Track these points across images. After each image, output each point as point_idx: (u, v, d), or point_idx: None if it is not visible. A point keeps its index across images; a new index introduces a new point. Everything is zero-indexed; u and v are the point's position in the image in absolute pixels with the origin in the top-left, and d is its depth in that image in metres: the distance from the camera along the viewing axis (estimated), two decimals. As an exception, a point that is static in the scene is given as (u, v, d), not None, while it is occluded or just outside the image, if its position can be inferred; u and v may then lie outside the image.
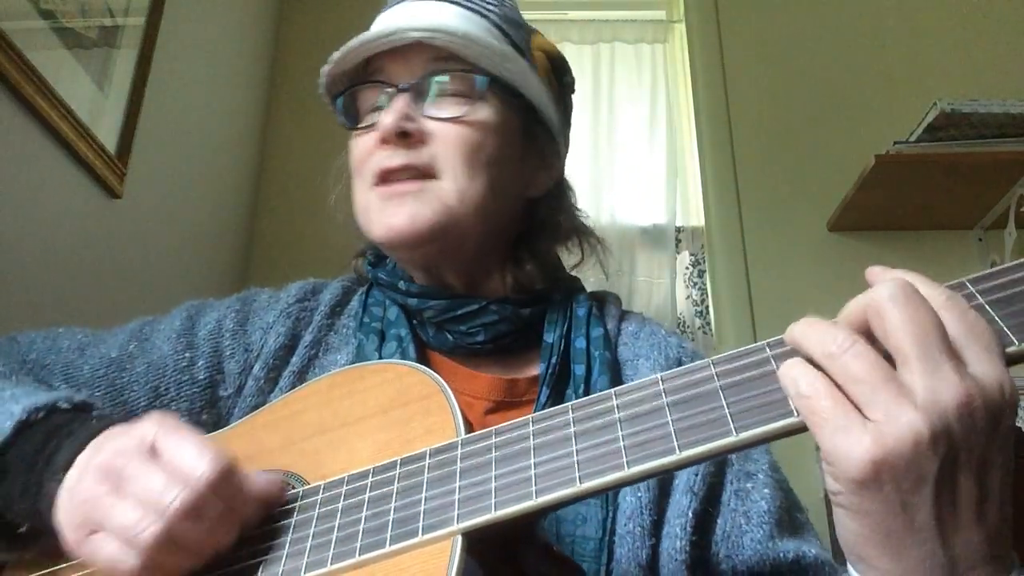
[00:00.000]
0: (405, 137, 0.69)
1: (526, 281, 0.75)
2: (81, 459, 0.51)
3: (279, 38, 2.51)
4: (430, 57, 0.71)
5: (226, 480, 0.47)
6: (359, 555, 0.47)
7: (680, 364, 0.73)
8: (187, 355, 0.73)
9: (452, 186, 0.70)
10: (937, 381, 0.37)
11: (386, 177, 0.70)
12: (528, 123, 0.77)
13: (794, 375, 0.40)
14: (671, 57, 2.54)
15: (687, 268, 2.33)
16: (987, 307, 0.42)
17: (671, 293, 2.23)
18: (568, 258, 0.84)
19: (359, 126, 0.74)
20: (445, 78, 0.71)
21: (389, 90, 0.72)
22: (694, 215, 2.39)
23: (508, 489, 0.45)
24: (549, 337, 0.73)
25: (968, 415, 0.37)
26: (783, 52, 2.47)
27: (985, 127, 1.95)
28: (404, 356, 0.71)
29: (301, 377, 0.73)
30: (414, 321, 0.76)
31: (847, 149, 2.23)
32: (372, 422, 0.56)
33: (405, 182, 0.70)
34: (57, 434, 0.54)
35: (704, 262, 2.31)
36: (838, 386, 0.39)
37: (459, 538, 0.45)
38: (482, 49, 0.71)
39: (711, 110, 2.41)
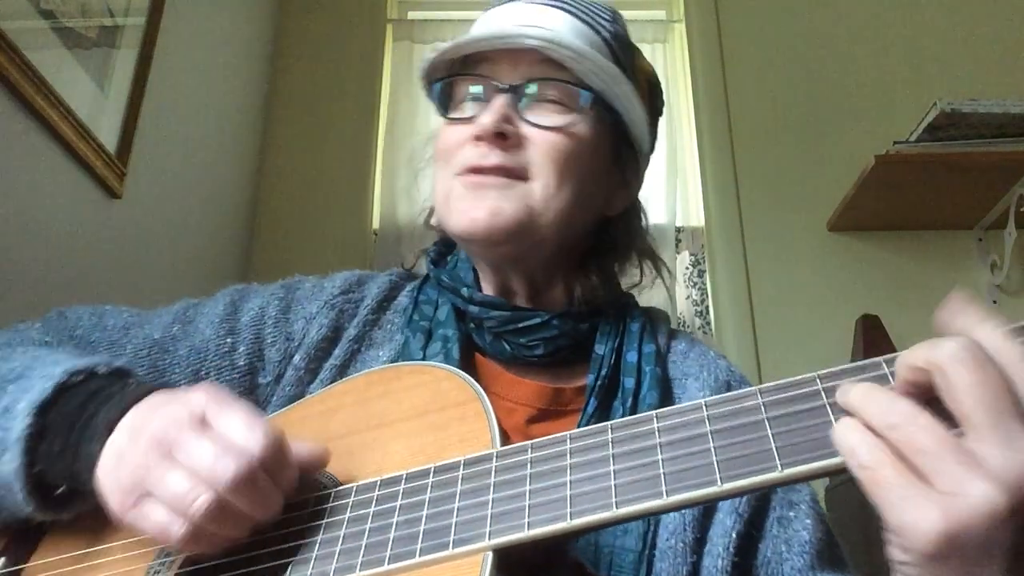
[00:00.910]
0: (502, 138, 0.69)
1: (590, 296, 0.75)
2: (128, 423, 0.52)
3: (279, 38, 2.51)
4: (537, 61, 0.71)
5: (275, 453, 0.49)
6: (388, 564, 0.46)
7: (729, 388, 0.73)
8: (228, 340, 0.74)
9: (540, 191, 0.70)
10: (1012, 451, 0.35)
11: (475, 171, 0.70)
12: (618, 143, 0.77)
13: (852, 443, 0.38)
14: (671, 57, 2.54)
15: (687, 268, 2.33)
16: None
17: (671, 293, 2.23)
18: (627, 276, 0.85)
19: (454, 116, 0.74)
20: (549, 86, 0.72)
21: (492, 87, 0.72)
22: (694, 215, 2.39)
23: (542, 508, 0.44)
24: (600, 349, 0.73)
25: None
26: (783, 52, 2.47)
27: (985, 127, 1.95)
28: (447, 357, 0.70)
29: (343, 371, 0.73)
30: (471, 325, 0.75)
31: (847, 149, 2.24)
32: (407, 425, 0.55)
33: (493, 176, 0.70)
34: (96, 397, 0.55)
35: (704, 262, 2.31)
36: (900, 455, 0.37)
37: (490, 554, 0.44)
38: (591, 65, 0.71)
39: (711, 110, 2.40)
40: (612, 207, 0.79)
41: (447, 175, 0.73)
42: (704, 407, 0.45)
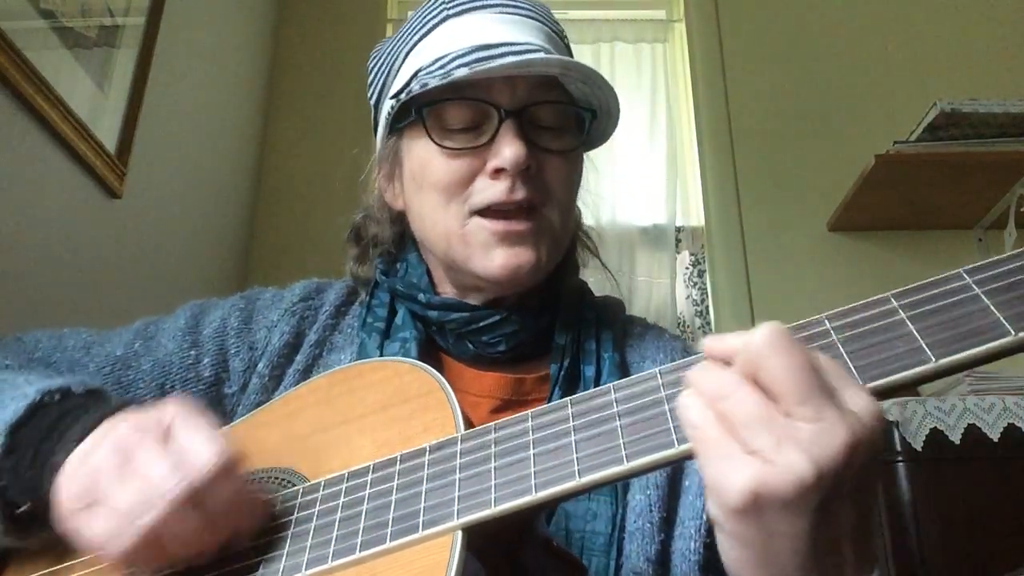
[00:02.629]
0: (525, 170, 0.68)
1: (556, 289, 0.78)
2: (97, 432, 0.52)
3: (279, 38, 2.51)
4: (534, 83, 0.69)
5: (228, 475, 0.48)
6: (360, 551, 0.47)
7: None
8: (192, 353, 0.74)
9: (557, 220, 0.71)
10: (822, 424, 0.38)
11: (499, 211, 0.68)
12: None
13: (686, 404, 0.42)
14: (671, 57, 2.54)
15: (687, 268, 2.33)
16: (907, 321, 0.43)
17: (671, 293, 2.23)
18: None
19: (455, 146, 0.69)
20: (549, 108, 0.70)
21: (494, 112, 0.68)
22: (694, 215, 2.39)
23: (508, 484, 0.45)
24: (560, 339, 0.74)
25: (852, 454, 0.38)
26: (783, 52, 2.47)
27: (985, 127, 1.95)
28: (406, 356, 0.70)
29: (305, 375, 0.73)
30: (432, 328, 0.75)
31: (847, 149, 2.24)
32: (372, 419, 0.56)
33: (518, 220, 0.69)
34: (69, 415, 0.55)
35: (704, 262, 2.31)
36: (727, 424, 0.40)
37: (459, 533, 0.45)
38: (596, 87, 0.70)
39: (711, 110, 2.41)
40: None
41: (456, 212, 0.69)
42: (659, 375, 0.47)
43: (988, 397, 1.44)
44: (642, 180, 2.34)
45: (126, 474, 0.48)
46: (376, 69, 0.80)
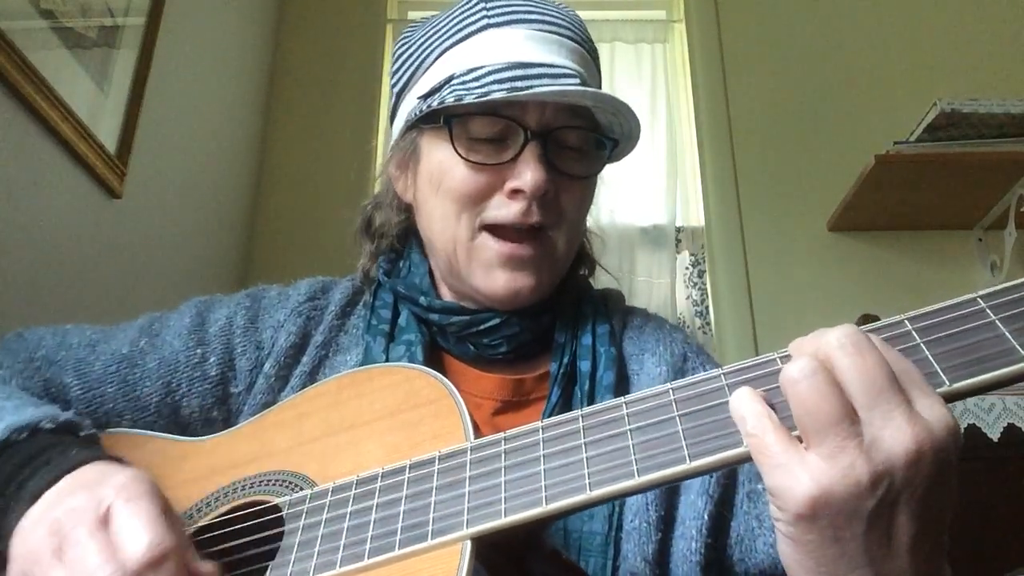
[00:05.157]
0: (543, 195, 0.69)
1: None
2: (45, 500, 0.50)
3: (279, 38, 2.51)
4: (565, 107, 0.70)
5: (165, 564, 0.45)
6: (368, 558, 0.47)
7: (685, 360, 0.75)
8: (199, 351, 0.74)
9: (563, 242, 0.73)
10: (887, 428, 0.38)
11: (512, 236, 0.70)
12: None
13: (742, 412, 0.42)
14: (671, 57, 2.54)
15: (687, 268, 2.33)
16: (923, 346, 0.43)
17: (671, 293, 2.23)
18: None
19: (479, 160, 0.69)
20: (574, 133, 0.71)
21: (520, 132, 0.69)
22: (694, 215, 2.39)
23: (518, 496, 0.45)
24: (560, 337, 0.74)
25: (916, 462, 0.38)
26: (783, 52, 2.47)
27: (985, 127, 1.95)
28: (412, 359, 0.71)
29: (312, 377, 0.73)
30: (434, 329, 0.76)
31: (847, 149, 2.24)
32: (380, 425, 0.56)
33: (525, 244, 0.70)
34: (34, 460, 0.53)
35: (704, 262, 2.31)
36: (792, 413, 0.40)
37: (468, 543, 0.44)
38: (624, 118, 0.71)
39: (711, 110, 2.41)
40: None
41: (467, 223, 0.71)
42: (671, 391, 0.47)
43: (988, 397, 1.44)
44: (642, 180, 2.34)
45: (58, 561, 0.46)
46: (404, 58, 0.79)
